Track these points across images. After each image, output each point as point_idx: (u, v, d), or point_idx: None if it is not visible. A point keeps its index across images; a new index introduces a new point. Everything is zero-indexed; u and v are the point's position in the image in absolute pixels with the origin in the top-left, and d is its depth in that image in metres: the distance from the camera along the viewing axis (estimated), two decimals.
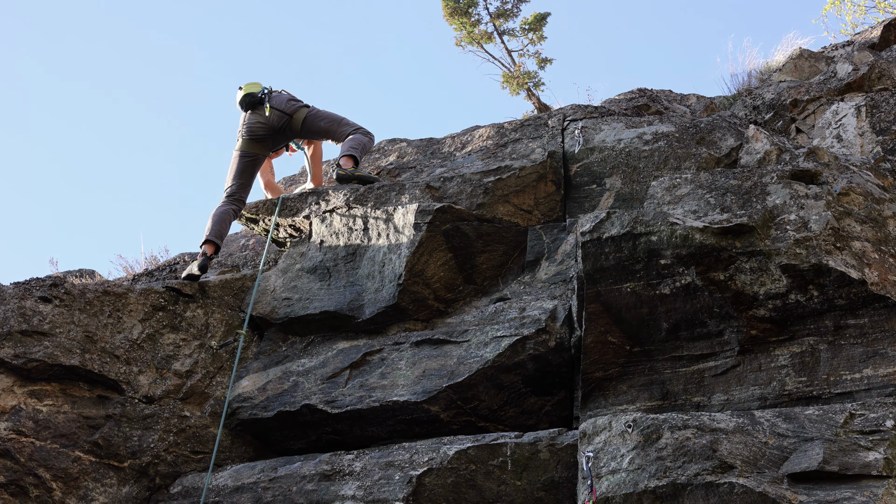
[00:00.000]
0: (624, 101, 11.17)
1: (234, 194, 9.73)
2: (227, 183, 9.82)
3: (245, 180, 9.87)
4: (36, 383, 8.07)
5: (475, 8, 16.32)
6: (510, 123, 10.26)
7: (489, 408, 7.73)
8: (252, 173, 9.97)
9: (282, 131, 10.09)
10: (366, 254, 8.80)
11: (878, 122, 8.94)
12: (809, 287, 6.88)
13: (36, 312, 8.18)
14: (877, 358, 6.73)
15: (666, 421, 6.26)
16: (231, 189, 9.76)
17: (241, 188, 9.81)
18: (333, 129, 10.03)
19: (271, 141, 10.10)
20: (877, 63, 9.71)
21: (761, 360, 7.05)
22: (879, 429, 6.00)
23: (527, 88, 15.70)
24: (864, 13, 18.83)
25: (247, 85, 10.18)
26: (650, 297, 7.19)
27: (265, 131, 10.03)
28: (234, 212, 9.65)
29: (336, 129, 10.01)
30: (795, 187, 7.38)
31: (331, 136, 10.06)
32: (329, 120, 10.08)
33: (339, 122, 10.03)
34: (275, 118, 10.00)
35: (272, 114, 9.99)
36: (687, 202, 7.57)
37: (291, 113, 10.04)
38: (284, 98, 10.14)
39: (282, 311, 8.82)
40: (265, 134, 10.04)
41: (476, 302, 8.54)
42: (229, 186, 9.78)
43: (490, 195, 8.92)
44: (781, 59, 11.45)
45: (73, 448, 7.94)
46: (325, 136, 10.12)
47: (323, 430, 8.08)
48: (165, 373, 8.42)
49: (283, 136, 10.14)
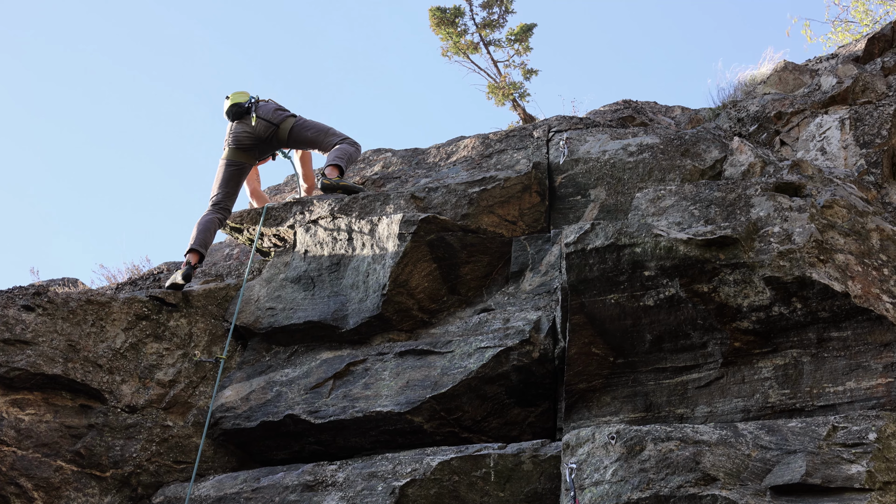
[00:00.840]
0: (609, 112, 11.19)
1: (220, 203, 9.73)
2: (213, 191, 9.82)
3: (231, 189, 9.87)
4: (18, 392, 8.04)
5: (462, 18, 16.34)
6: (495, 134, 10.27)
7: (473, 419, 7.72)
8: (238, 182, 9.97)
9: (268, 141, 10.10)
10: (350, 264, 8.80)
11: (861, 134, 8.97)
12: (793, 299, 6.89)
13: (19, 321, 8.15)
14: (860, 371, 6.74)
15: (649, 433, 6.26)
16: (217, 198, 9.75)
17: (227, 197, 9.81)
18: (320, 139, 10.04)
19: (258, 150, 10.11)
20: (861, 76, 9.75)
21: (745, 373, 7.06)
22: (862, 441, 6.00)
23: (512, 99, 15.72)
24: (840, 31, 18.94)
25: (234, 94, 10.20)
26: (634, 308, 7.20)
27: (252, 141, 10.05)
28: (219, 220, 9.64)
29: (322, 139, 10.02)
30: (779, 200, 7.40)
31: (317, 145, 10.07)
32: (316, 130, 10.09)
33: (325, 132, 10.04)
34: (261, 128, 10.02)
35: (259, 123, 10.00)
36: (671, 214, 7.58)
37: (278, 123, 10.05)
38: (271, 108, 10.15)
39: (265, 320, 8.81)
40: (251, 143, 10.05)
41: (460, 313, 8.54)
42: (215, 195, 9.78)
43: (475, 206, 8.91)
44: (766, 71, 11.48)
45: (55, 457, 7.91)
46: (312, 145, 10.13)
47: (306, 440, 8.07)
48: (148, 382, 8.39)
49: (269, 145, 10.15)
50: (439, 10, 16.29)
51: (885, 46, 11.14)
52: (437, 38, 16.51)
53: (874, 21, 18.43)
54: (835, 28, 18.86)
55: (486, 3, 16.32)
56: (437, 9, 16.30)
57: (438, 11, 16.27)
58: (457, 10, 16.27)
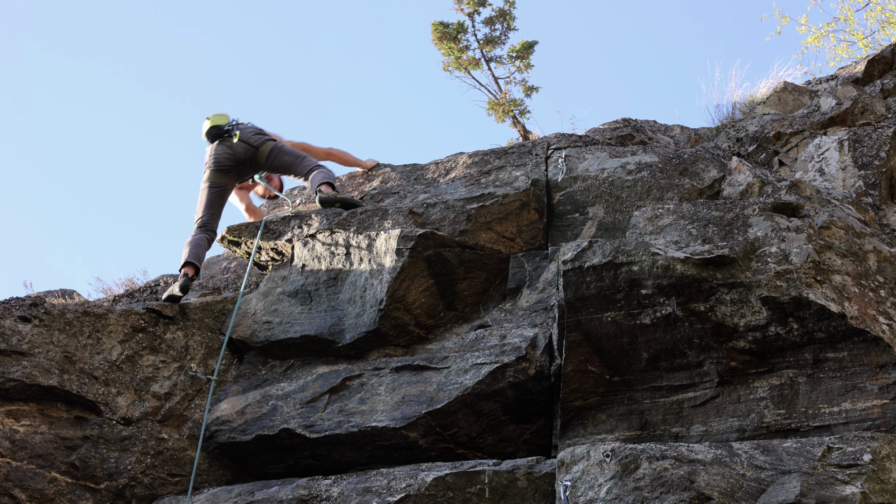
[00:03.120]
0: (608, 130, 11.20)
1: (206, 225, 9.81)
2: (198, 213, 9.89)
3: (215, 210, 9.97)
4: (13, 403, 8.03)
5: (464, 34, 16.36)
6: (494, 151, 10.27)
7: (468, 435, 7.72)
8: (221, 203, 10.07)
9: (247, 163, 10.21)
10: (347, 278, 8.80)
11: (860, 156, 8.98)
12: (789, 320, 6.89)
13: (15, 332, 8.15)
14: (855, 392, 6.74)
15: (644, 451, 6.26)
16: (202, 220, 9.83)
17: (212, 218, 9.91)
18: (296, 165, 10.17)
19: (237, 172, 10.22)
20: (860, 98, 9.77)
21: (740, 392, 7.05)
22: (857, 463, 6.00)
23: (512, 116, 15.74)
24: (847, 50, 19.01)
25: (214, 116, 10.32)
26: (630, 326, 7.20)
27: (231, 162, 10.14)
28: (207, 240, 9.71)
29: (298, 164, 10.16)
30: (777, 220, 7.41)
31: (293, 170, 10.21)
32: (293, 155, 10.24)
33: (301, 158, 10.19)
34: (241, 150, 10.13)
35: (239, 145, 10.13)
36: (669, 232, 7.59)
37: (258, 146, 10.16)
38: (251, 131, 10.28)
39: (262, 334, 8.80)
40: (231, 165, 10.14)
41: (457, 328, 8.54)
42: (200, 217, 9.85)
43: (473, 222, 8.92)
44: (766, 91, 11.51)
45: (49, 469, 7.90)
46: (288, 170, 10.27)
47: (301, 454, 8.06)
48: (144, 394, 8.39)
49: (248, 167, 10.27)
50: (442, 24, 16.32)
51: (884, 68, 11.16)
52: (439, 52, 16.55)
53: (865, 35, 18.52)
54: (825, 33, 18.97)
55: (489, 20, 16.35)
56: (440, 23, 16.34)
57: (441, 26, 16.30)
58: (460, 26, 16.30)
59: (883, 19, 18.68)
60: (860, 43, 18.86)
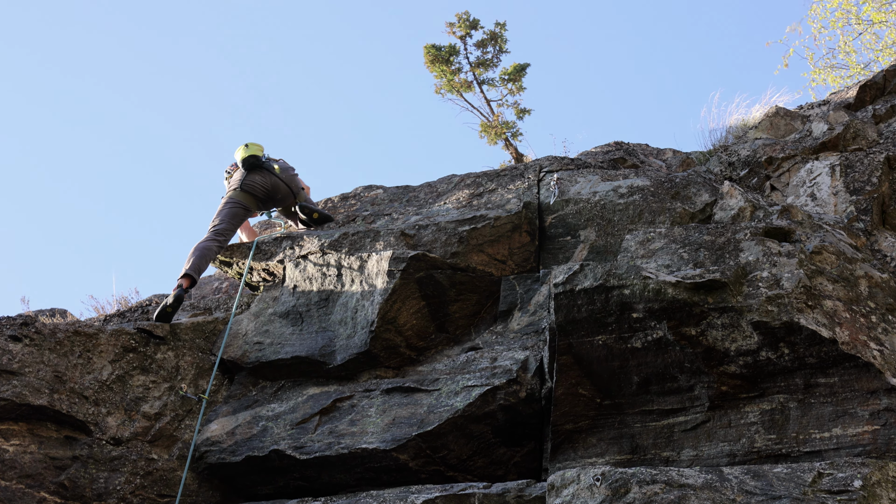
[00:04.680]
0: (600, 153, 11.22)
1: (220, 232, 9.90)
2: (215, 221, 9.97)
3: (233, 223, 10.12)
4: (3, 422, 8.00)
5: (456, 56, 16.42)
6: (486, 173, 10.30)
7: (458, 457, 7.70)
8: (240, 222, 10.24)
9: (277, 200, 10.50)
10: (339, 300, 8.80)
11: (852, 181, 9.01)
12: (780, 344, 6.89)
13: (5, 351, 8.13)
14: (846, 417, 6.74)
15: (634, 475, 6.25)
16: (219, 227, 9.93)
17: (228, 229, 10.05)
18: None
19: (264, 203, 10.47)
20: (852, 123, 9.80)
21: (731, 417, 7.05)
22: (847, 489, 5.99)
23: (504, 138, 15.78)
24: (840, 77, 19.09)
25: (252, 145, 10.54)
26: (622, 350, 7.20)
27: (265, 194, 10.40)
28: (216, 248, 9.74)
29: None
30: (768, 244, 7.42)
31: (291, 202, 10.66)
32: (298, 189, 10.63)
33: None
34: (281, 189, 10.46)
35: (280, 184, 10.42)
36: (660, 256, 7.60)
37: (296, 194, 10.54)
38: (291, 173, 10.60)
39: (253, 355, 8.79)
40: (263, 195, 10.38)
41: (448, 350, 8.53)
42: (217, 224, 9.94)
43: (465, 244, 8.93)
44: (758, 116, 11.54)
45: (38, 489, 7.87)
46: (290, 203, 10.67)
47: (291, 475, 8.03)
48: (134, 415, 8.36)
49: (275, 203, 10.54)
50: (434, 47, 16.37)
51: (876, 94, 11.20)
52: (432, 75, 16.59)
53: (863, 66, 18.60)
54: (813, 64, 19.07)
55: (481, 42, 16.42)
56: (432, 46, 16.39)
57: (434, 49, 16.35)
58: (452, 49, 16.35)
59: (878, 49, 18.79)
60: (853, 70, 18.96)
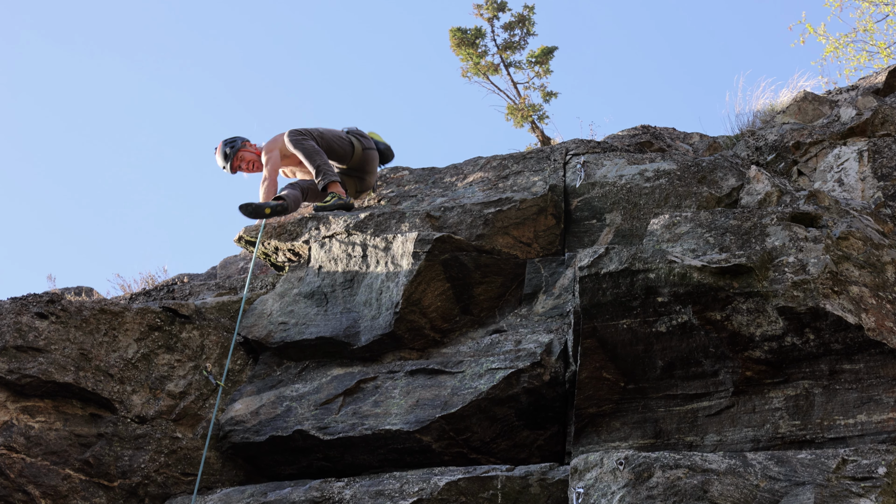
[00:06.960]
0: (627, 137, 11.19)
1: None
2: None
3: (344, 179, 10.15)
4: (29, 399, 8.06)
5: (482, 39, 16.39)
6: (512, 155, 10.27)
7: (481, 440, 7.71)
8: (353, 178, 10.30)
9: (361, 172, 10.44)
10: (364, 281, 8.80)
11: (879, 167, 8.96)
12: (806, 330, 6.87)
13: (32, 328, 8.17)
14: (871, 404, 6.71)
15: (658, 460, 6.24)
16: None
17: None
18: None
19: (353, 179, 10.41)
20: (880, 108, 9.73)
21: (755, 402, 7.03)
22: (871, 476, 5.97)
23: (531, 121, 15.76)
24: (868, 59, 18.94)
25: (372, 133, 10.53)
26: (646, 334, 7.19)
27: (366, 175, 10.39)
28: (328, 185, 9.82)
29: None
30: (795, 230, 7.39)
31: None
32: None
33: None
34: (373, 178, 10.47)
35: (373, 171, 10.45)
36: (686, 241, 7.57)
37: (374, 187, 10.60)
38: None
39: (277, 335, 8.81)
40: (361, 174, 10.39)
41: (472, 333, 8.54)
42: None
43: (490, 226, 8.92)
44: (786, 100, 11.48)
45: (63, 466, 7.92)
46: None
47: (314, 456, 8.06)
48: (159, 393, 8.40)
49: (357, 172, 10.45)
50: (460, 30, 16.35)
51: None
52: (458, 58, 16.57)
53: (888, 45, 18.46)
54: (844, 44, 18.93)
55: (508, 25, 16.38)
56: (457, 29, 16.36)
57: (459, 32, 16.33)
58: (478, 31, 16.32)
59: None
60: (882, 52, 18.81)
